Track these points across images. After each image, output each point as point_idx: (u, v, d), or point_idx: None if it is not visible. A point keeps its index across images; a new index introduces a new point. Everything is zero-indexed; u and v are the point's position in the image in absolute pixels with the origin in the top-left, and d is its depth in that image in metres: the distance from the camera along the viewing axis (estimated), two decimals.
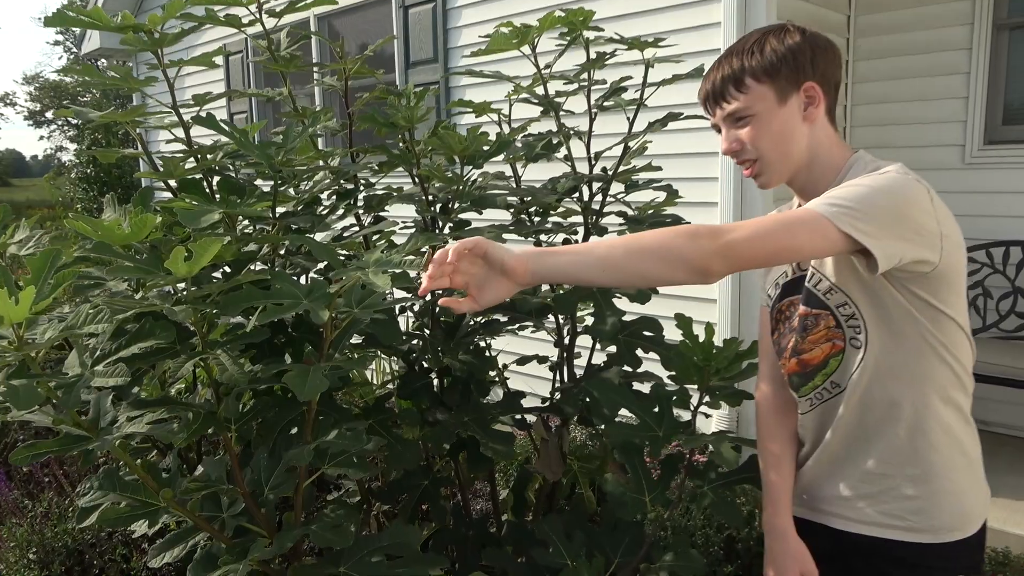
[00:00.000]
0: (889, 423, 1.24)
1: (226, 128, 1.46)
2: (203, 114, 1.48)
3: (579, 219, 2.03)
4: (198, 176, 1.58)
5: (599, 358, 2.05)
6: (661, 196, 2.09)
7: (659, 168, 2.04)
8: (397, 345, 1.66)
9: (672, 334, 1.85)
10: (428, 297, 1.88)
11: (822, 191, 1.19)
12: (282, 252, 1.66)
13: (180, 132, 1.63)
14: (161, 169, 1.51)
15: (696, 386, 1.62)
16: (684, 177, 2.55)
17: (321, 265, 1.67)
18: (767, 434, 1.43)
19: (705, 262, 1.06)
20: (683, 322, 1.61)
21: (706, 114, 1.38)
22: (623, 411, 1.67)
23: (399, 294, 1.72)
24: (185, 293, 1.20)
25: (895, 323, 1.21)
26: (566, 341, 2.04)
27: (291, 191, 1.74)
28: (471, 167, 1.61)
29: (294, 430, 1.45)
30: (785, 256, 1.18)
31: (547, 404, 1.99)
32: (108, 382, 1.05)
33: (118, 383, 1.04)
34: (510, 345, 2.81)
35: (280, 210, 1.66)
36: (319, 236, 1.87)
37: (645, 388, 1.92)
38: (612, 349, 2.04)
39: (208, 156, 1.61)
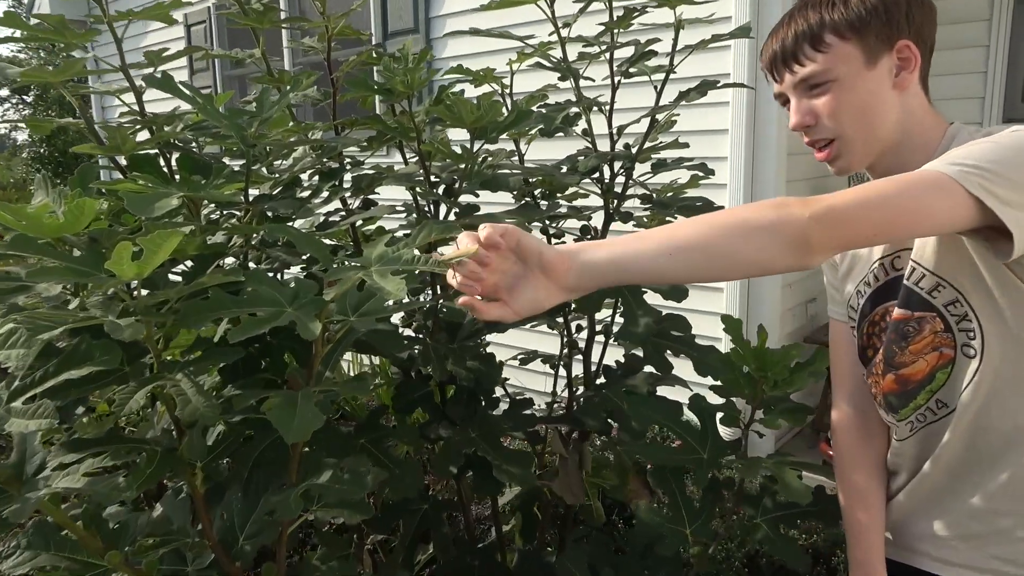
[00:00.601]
0: (1011, 450, 1.02)
1: (186, 92, 1.19)
2: (158, 75, 1.20)
3: (589, 202, 1.78)
4: (152, 152, 1.30)
5: (610, 353, 1.82)
6: (682, 177, 1.86)
7: (686, 145, 1.80)
8: (396, 353, 1.40)
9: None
10: (429, 294, 1.62)
11: None
12: (256, 244, 1.39)
13: (131, 98, 1.35)
14: (106, 142, 1.23)
15: (746, 399, 1.39)
16: (687, 157, 2.32)
17: (299, 265, 1.40)
18: (850, 464, 1.20)
19: (802, 232, 0.81)
20: (731, 325, 1.38)
21: (771, 81, 1.14)
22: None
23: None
24: (135, 300, 0.93)
25: (1020, 325, 0.98)
26: (580, 343, 1.80)
27: (265, 171, 1.46)
28: (482, 141, 1.35)
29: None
30: (901, 227, 0.89)
31: (562, 414, 1.75)
32: (29, 425, 0.79)
33: (42, 427, 0.78)
34: (499, 336, 2.56)
35: (254, 192, 1.39)
36: (299, 223, 1.60)
37: (671, 393, 1.70)
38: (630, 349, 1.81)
39: (166, 128, 1.33)
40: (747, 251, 0.81)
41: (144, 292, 0.98)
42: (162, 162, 1.33)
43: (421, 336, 1.60)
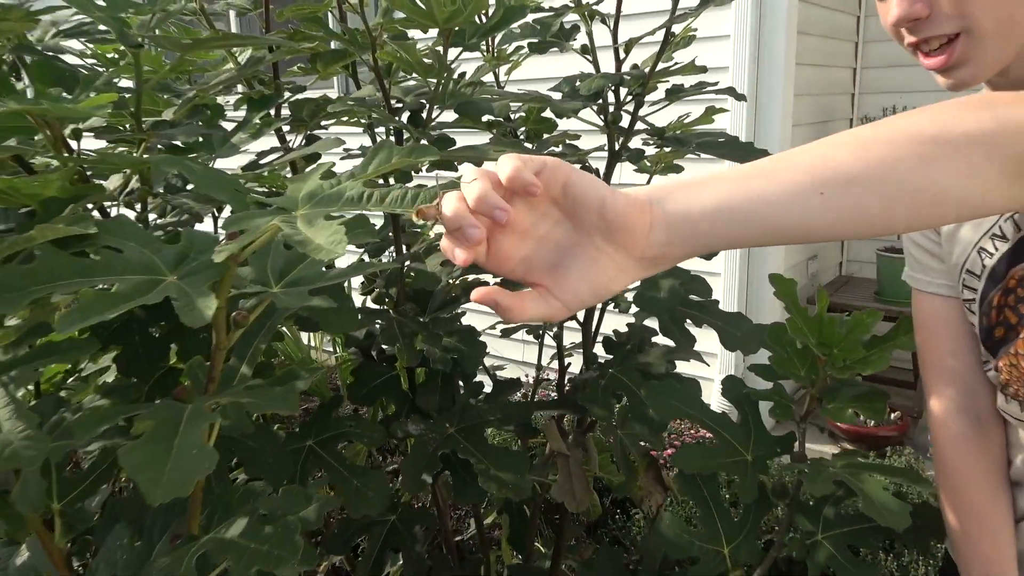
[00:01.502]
0: None
1: None
2: None
3: (582, 143, 1.46)
4: None
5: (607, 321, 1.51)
6: (694, 111, 1.54)
7: (703, 69, 1.47)
8: (350, 331, 1.07)
9: None
10: (391, 250, 1.28)
11: None
12: (159, 189, 1.04)
13: None
14: None
15: (802, 383, 1.09)
16: (709, 81, 1.99)
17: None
18: (965, 480, 0.91)
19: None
20: (783, 287, 1.06)
21: None
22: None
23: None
24: None
25: None
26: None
27: (168, 96, 1.11)
28: (460, 49, 1.01)
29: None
30: None
31: (559, 399, 1.44)
32: None
33: None
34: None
35: (155, 122, 1.04)
36: (221, 164, 1.24)
37: (686, 368, 1.39)
38: (630, 317, 1.50)
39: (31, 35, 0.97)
40: (950, 181, 0.49)
41: None
42: (6, 71, 0.96)
43: (384, 308, 1.26)
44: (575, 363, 1.56)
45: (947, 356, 0.92)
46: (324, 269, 0.70)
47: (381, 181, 1.19)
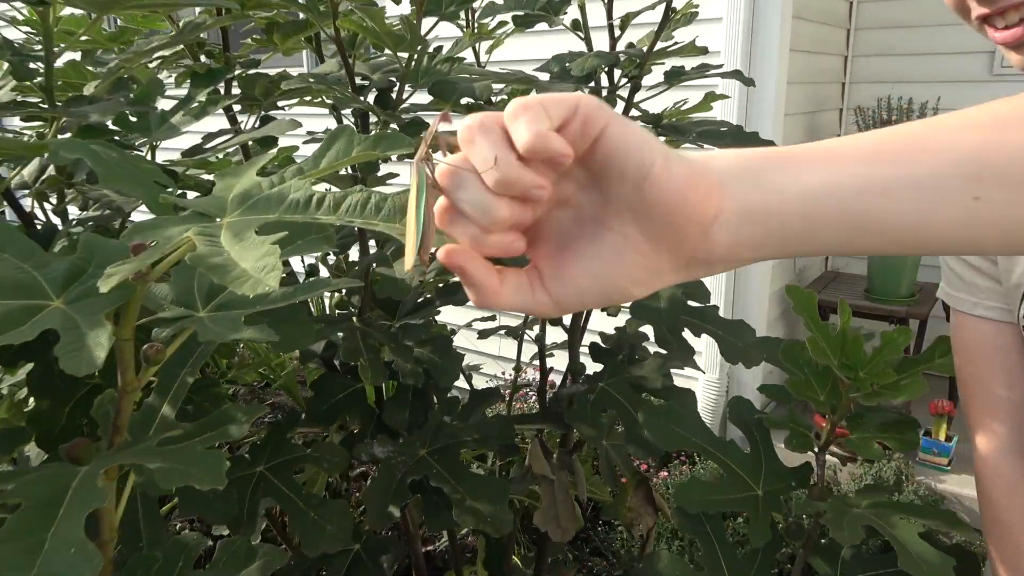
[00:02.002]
0: None
1: None
2: None
3: None
4: None
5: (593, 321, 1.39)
6: (691, 98, 1.42)
7: (704, 50, 1.33)
8: (305, 346, 0.93)
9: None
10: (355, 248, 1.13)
11: None
12: (82, 177, 0.88)
13: None
14: None
15: (821, 409, 0.97)
16: (712, 64, 1.86)
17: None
18: (1021, 529, 0.79)
19: None
20: (801, 299, 0.94)
21: None
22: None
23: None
24: None
25: None
26: (559, 318, 1.35)
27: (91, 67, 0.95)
28: (436, 19, 0.86)
29: None
30: None
31: (542, 412, 1.31)
32: None
33: None
34: None
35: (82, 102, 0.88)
36: (161, 153, 1.09)
37: (683, 380, 1.27)
38: (617, 321, 1.37)
39: None
40: None
41: None
42: None
43: (351, 314, 1.12)
44: (558, 360, 1.43)
45: (998, 388, 0.80)
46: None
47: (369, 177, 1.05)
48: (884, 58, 3.06)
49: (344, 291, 1.08)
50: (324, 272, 1.37)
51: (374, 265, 1.00)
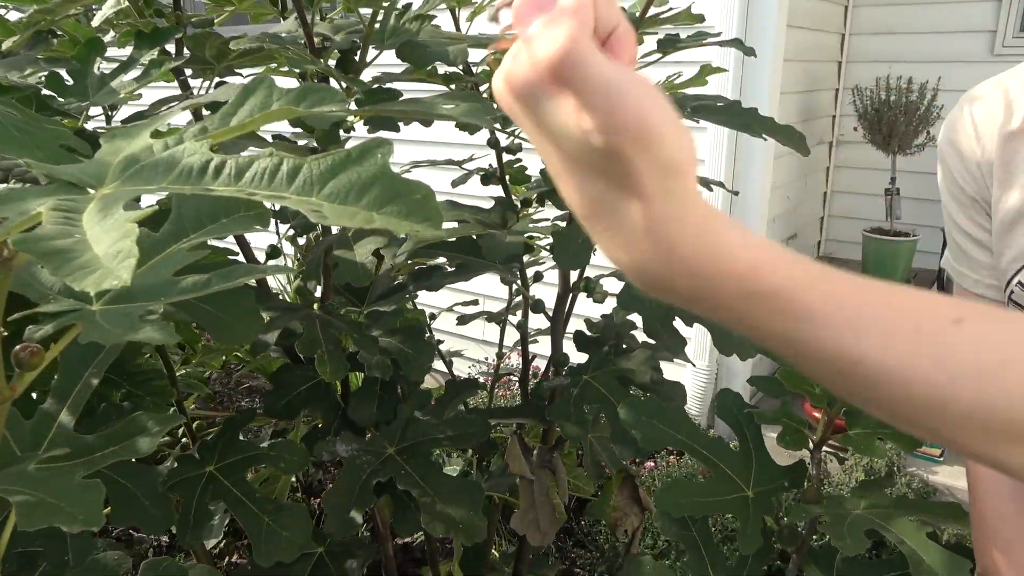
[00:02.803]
0: None
1: None
2: None
3: None
4: None
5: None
6: (685, 71, 1.34)
7: (701, 17, 1.24)
8: (252, 337, 0.84)
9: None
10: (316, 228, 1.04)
11: None
12: None
13: None
14: None
15: (817, 403, 0.89)
16: (710, 31, 1.76)
17: None
18: (1011, 534, 0.72)
19: None
20: None
21: None
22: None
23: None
24: None
25: None
26: (543, 303, 1.27)
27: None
28: None
29: None
30: None
31: (521, 406, 1.23)
32: None
33: None
34: None
35: None
36: (96, 119, 0.99)
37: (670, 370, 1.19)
38: (601, 307, 1.29)
39: None
40: None
41: None
42: None
43: (313, 300, 1.03)
44: (543, 345, 1.34)
45: None
46: (179, 277, 0.46)
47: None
48: (882, 36, 2.96)
49: (300, 281, 0.98)
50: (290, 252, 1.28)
51: (331, 246, 0.90)
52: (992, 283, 0.75)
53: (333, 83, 0.90)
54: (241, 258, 1.12)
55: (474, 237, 1.02)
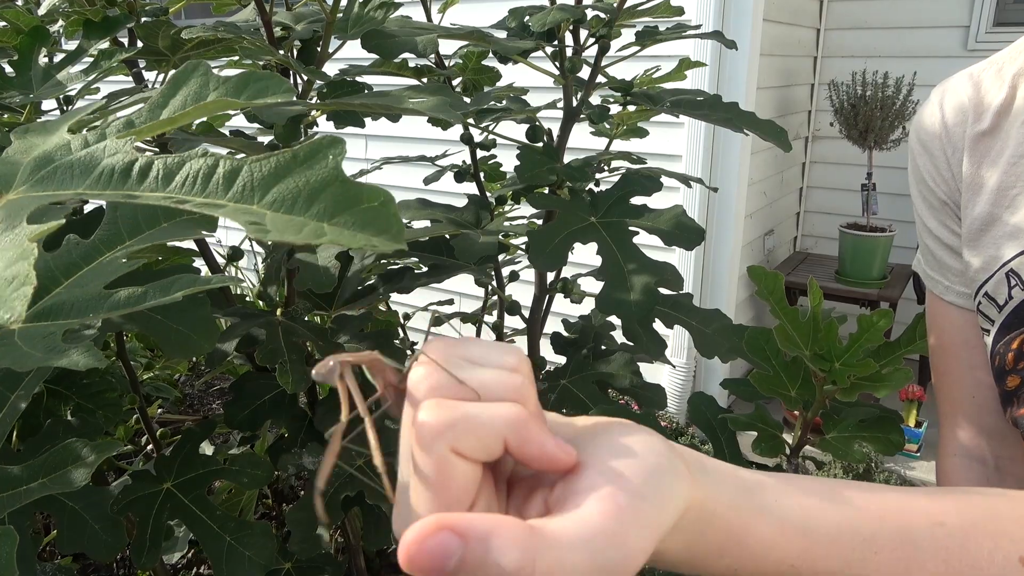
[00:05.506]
0: None
1: None
2: None
3: (529, 97, 1.19)
4: None
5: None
6: (663, 65, 1.31)
7: (680, 10, 1.20)
8: (211, 347, 0.78)
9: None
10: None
11: None
12: None
13: None
14: None
15: (792, 407, 0.86)
16: (689, 24, 1.72)
17: None
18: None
19: None
20: (766, 282, 0.82)
21: None
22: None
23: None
24: None
25: None
26: (518, 304, 1.23)
27: None
28: None
29: None
30: None
31: None
32: None
33: None
34: None
35: None
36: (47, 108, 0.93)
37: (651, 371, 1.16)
38: (580, 309, 1.25)
39: None
40: None
41: None
42: None
43: (276, 305, 0.97)
44: (518, 345, 1.30)
45: (963, 383, 0.70)
46: (111, 290, 0.41)
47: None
48: (857, 31, 2.95)
49: (260, 280, 0.93)
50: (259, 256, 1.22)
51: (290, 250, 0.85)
52: (963, 291, 0.71)
53: (314, 77, 0.85)
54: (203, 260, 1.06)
55: (447, 237, 0.98)
